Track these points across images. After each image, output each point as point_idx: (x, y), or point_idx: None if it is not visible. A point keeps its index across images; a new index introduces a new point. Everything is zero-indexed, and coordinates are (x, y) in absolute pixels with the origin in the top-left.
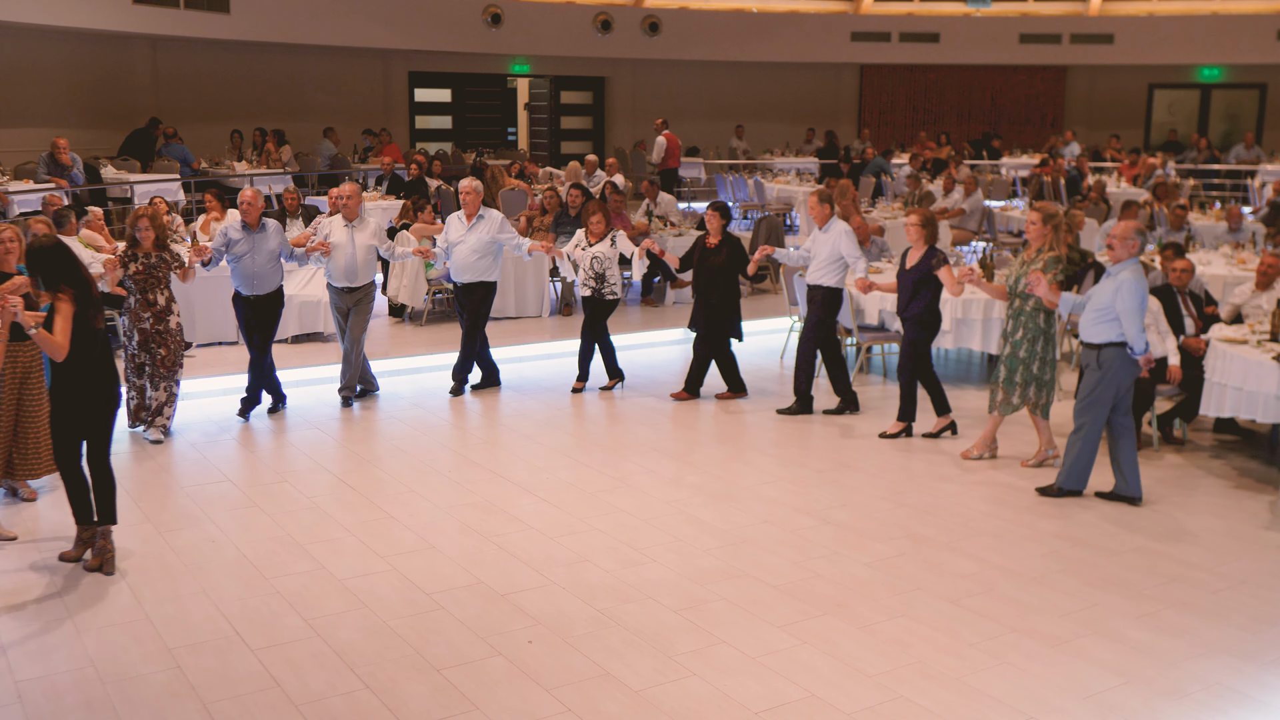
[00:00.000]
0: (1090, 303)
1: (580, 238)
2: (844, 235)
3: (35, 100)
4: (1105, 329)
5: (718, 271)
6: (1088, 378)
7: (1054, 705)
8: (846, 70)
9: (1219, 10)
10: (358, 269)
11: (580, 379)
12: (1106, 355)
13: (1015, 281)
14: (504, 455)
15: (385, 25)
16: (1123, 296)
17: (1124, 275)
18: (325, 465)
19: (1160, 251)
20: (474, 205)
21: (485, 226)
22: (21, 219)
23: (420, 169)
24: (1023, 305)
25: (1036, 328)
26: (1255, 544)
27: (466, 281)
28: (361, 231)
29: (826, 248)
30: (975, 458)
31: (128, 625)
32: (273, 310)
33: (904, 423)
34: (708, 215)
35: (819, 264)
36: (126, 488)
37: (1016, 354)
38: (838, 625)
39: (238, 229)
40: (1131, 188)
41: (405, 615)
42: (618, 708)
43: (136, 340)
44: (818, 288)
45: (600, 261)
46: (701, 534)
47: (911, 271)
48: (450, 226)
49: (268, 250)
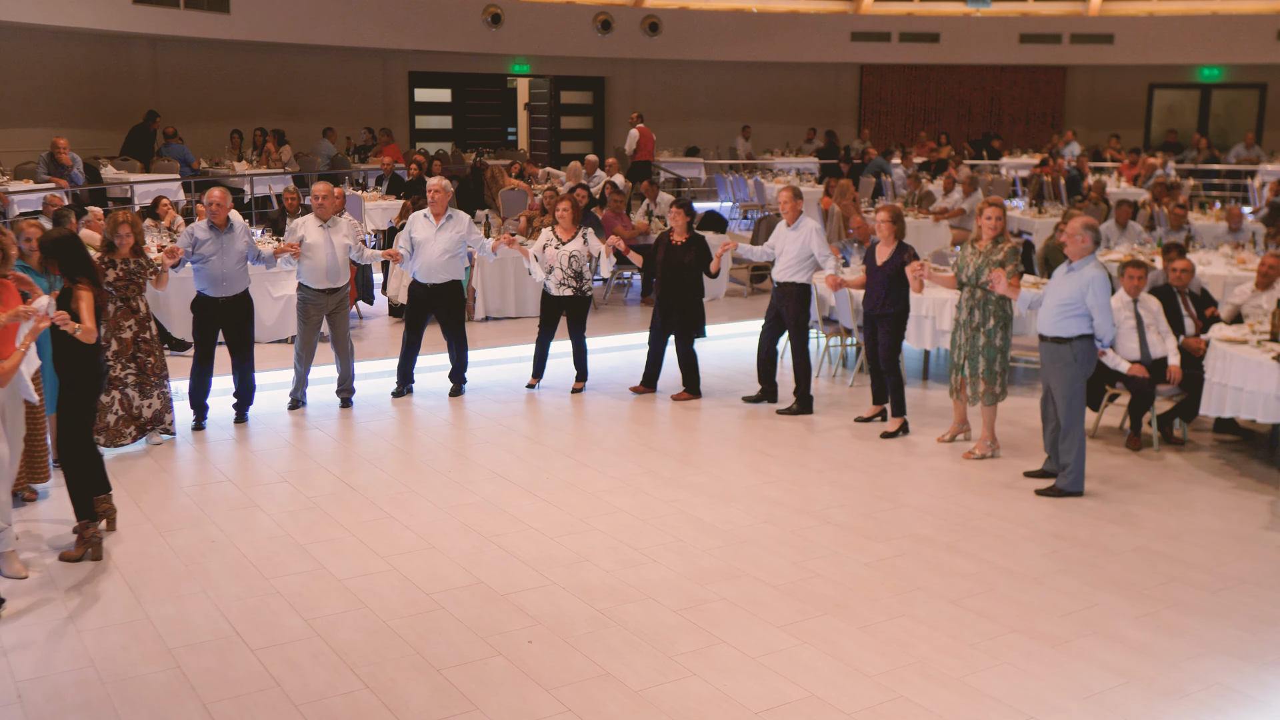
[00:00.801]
0: (1051, 298)
1: (549, 236)
2: (815, 233)
3: (35, 100)
4: (1075, 323)
5: (684, 270)
6: (1061, 371)
7: (1054, 705)
8: (846, 70)
9: (1219, 10)
10: (339, 269)
11: (535, 375)
12: (1079, 347)
13: (976, 272)
14: (504, 455)
15: (385, 25)
16: (1095, 292)
17: (1089, 271)
18: (325, 465)
19: (1160, 252)
20: (443, 204)
21: (454, 226)
22: (21, 218)
23: (420, 169)
24: (987, 295)
25: (1004, 314)
26: (1255, 544)
27: (438, 282)
28: (336, 231)
29: (796, 245)
30: (979, 457)
31: (128, 625)
32: (243, 312)
33: (900, 417)
34: (673, 213)
35: (789, 261)
36: (127, 488)
37: (993, 342)
38: (838, 625)
39: (204, 229)
40: (1131, 188)
41: (405, 615)
42: (618, 708)
43: (114, 350)
44: (790, 285)
45: (577, 260)
46: (701, 534)
47: (884, 267)
48: (416, 225)
49: (236, 251)
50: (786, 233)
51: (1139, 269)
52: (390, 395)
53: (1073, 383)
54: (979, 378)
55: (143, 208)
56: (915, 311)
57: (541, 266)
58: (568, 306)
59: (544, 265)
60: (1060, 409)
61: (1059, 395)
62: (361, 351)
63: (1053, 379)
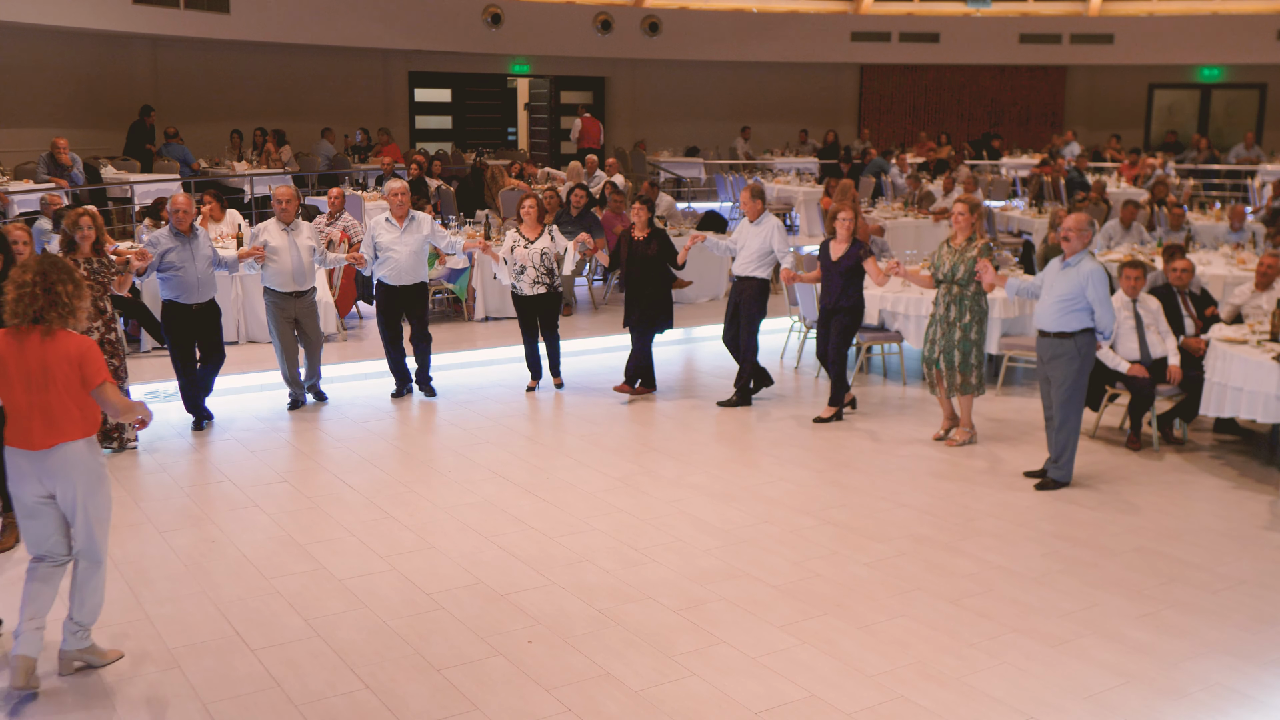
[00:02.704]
0: (1050, 294)
1: (515, 237)
2: (777, 230)
3: (35, 100)
4: (1076, 317)
5: (649, 263)
6: (1063, 366)
7: (1054, 705)
8: (846, 70)
9: (1219, 10)
10: (305, 271)
11: (534, 378)
12: (1082, 341)
13: (952, 270)
14: (504, 455)
15: (385, 25)
16: (1095, 286)
17: (1087, 266)
18: (325, 465)
19: (1160, 251)
20: (405, 207)
21: (418, 227)
22: (20, 218)
23: (420, 169)
24: (963, 291)
25: (980, 310)
26: (1255, 544)
27: (409, 283)
28: (298, 234)
29: (758, 240)
30: (961, 443)
31: (128, 625)
32: (217, 318)
33: (836, 406)
34: (635, 209)
35: (749, 256)
36: (127, 488)
37: (969, 336)
38: (838, 625)
39: (169, 236)
40: (1131, 188)
41: (405, 615)
42: (618, 708)
43: None
44: (750, 279)
45: (548, 257)
46: (701, 534)
47: (840, 263)
48: (379, 230)
49: (204, 256)
50: (749, 228)
51: (1137, 269)
52: (390, 396)
53: (1076, 376)
54: (956, 370)
55: (143, 207)
56: (916, 312)
57: (513, 268)
58: (541, 305)
59: (515, 266)
60: (1058, 402)
61: (1059, 389)
62: (361, 352)
63: (1054, 373)
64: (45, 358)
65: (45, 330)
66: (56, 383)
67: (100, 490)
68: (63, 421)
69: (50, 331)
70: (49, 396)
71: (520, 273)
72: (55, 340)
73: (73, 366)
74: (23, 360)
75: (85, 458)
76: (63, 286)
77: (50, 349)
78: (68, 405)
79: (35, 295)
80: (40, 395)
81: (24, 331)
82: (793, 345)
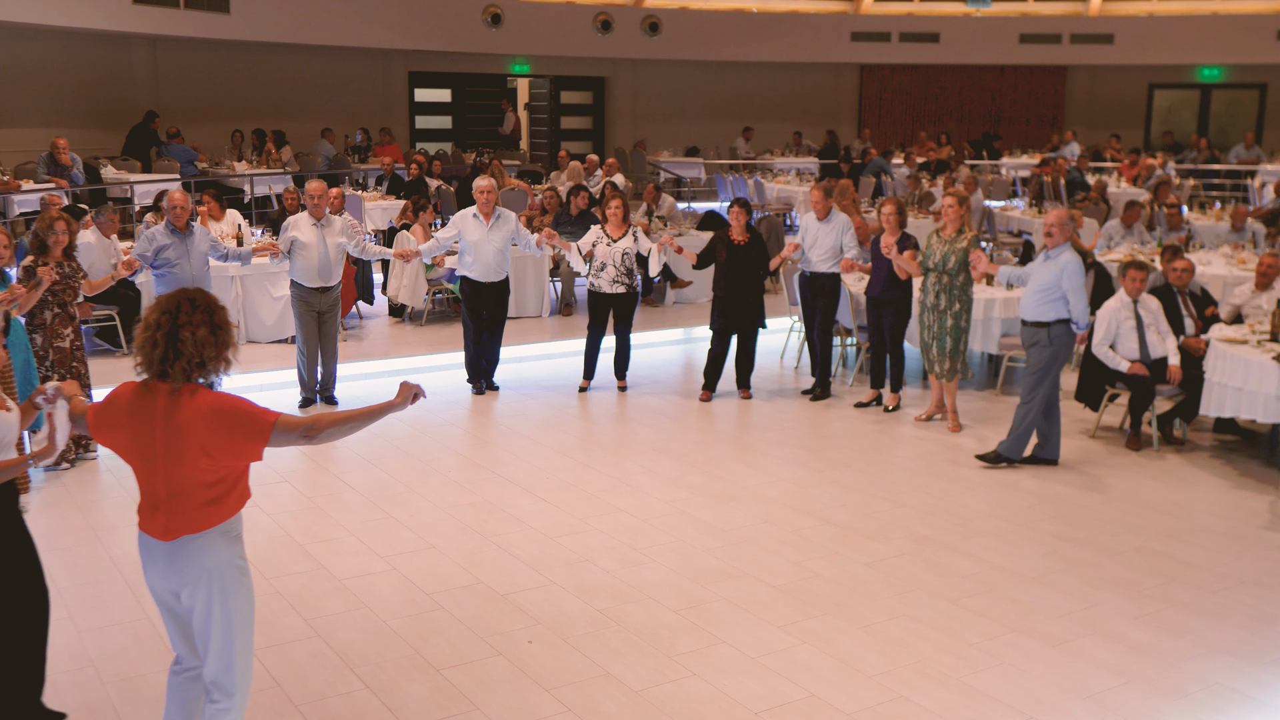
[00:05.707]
0: (1032, 284)
1: (598, 233)
2: (847, 228)
3: (35, 100)
4: (1053, 308)
5: (751, 265)
6: (1037, 353)
7: (1054, 705)
8: (846, 70)
9: (1219, 10)
10: (331, 267)
11: (587, 376)
12: (1056, 331)
13: (942, 259)
14: (504, 455)
15: (385, 25)
16: (1069, 276)
17: (1065, 257)
18: (325, 465)
19: (1160, 251)
20: (491, 205)
21: (504, 224)
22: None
23: (420, 169)
24: (953, 281)
25: (968, 299)
26: (1255, 544)
27: (495, 280)
28: (330, 230)
29: (831, 238)
30: (928, 418)
31: (128, 625)
32: None
33: (898, 394)
34: (734, 212)
35: (823, 253)
36: (127, 488)
37: (958, 324)
38: (837, 625)
39: (165, 234)
40: (1131, 188)
41: (405, 615)
42: (618, 708)
43: (51, 360)
44: (825, 275)
45: (629, 257)
46: (701, 534)
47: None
48: (466, 226)
49: (200, 253)
50: (819, 226)
51: (1140, 270)
52: (471, 394)
53: (1046, 363)
54: (945, 356)
55: (143, 207)
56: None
57: (593, 265)
58: (618, 304)
59: (596, 263)
60: (1025, 384)
61: (1028, 372)
62: (361, 351)
63: (1029, 359)
64: (172, 422)
65: (172, 389)
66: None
67: (239, 592)
68: (189, 507)
69: (177, 391)
70: (175, 471)
71: (600, 270)
72: (181, 400)
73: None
74: (142, 425)
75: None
76: (189, 331)
77: (176, 411)
78: (196, 484)
79: (155, 341)
80: (164, 468)
81: (154, 389)
82: (793, 345)
